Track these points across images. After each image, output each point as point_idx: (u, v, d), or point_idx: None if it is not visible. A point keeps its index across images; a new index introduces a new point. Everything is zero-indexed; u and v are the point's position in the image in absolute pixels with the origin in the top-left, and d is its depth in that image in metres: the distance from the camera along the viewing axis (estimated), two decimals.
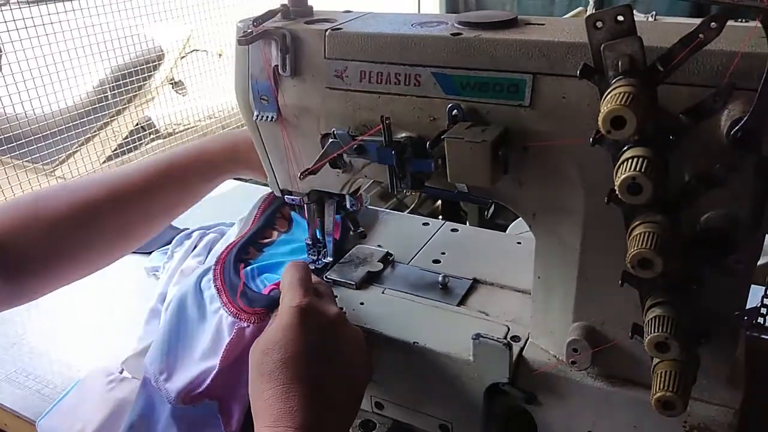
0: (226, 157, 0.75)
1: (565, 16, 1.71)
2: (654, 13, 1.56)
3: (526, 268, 0.65)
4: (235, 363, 0.61)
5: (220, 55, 1.78)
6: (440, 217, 1.96)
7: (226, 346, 0.61)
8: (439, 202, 2.10)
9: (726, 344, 0.49)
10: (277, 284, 0.63)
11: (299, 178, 0.60)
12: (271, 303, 0.62)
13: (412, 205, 2.11)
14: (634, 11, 0.41)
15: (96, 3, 1.25)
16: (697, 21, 0.38)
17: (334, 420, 0.51)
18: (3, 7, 1.04)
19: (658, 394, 0.42)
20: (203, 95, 1.57)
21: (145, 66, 1.52)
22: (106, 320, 0.89)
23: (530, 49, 0.47)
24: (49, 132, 1.16)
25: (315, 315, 0.55)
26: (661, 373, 0.42)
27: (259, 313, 0.62)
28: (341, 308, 0.60)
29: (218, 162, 0.75)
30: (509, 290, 0.66)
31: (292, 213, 0.79)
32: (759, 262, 0.47)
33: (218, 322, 0.63)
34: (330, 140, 0.57)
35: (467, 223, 1.82)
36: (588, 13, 1.71)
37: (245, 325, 0.62)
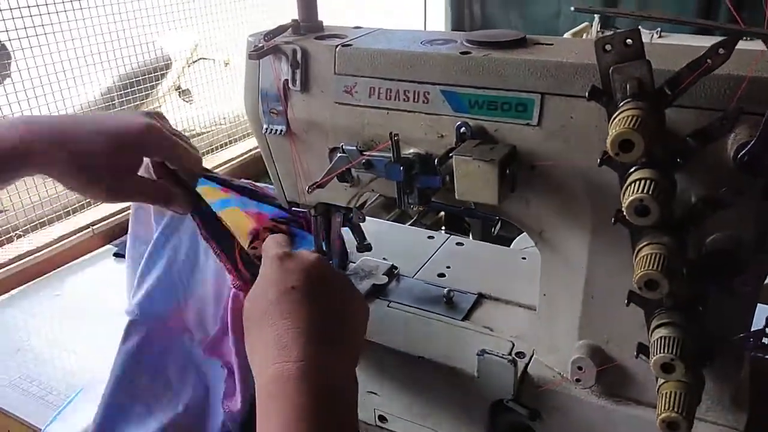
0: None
1: (570, 31, 1.71)
2: (659, 30, 1.57)
3: (531, 283, 0.65)
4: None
5: (226, 63, 1.79)
6: (443, 228, 1.97)
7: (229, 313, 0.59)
8: (443, 213, 2.10)
9: (731, 365, 0.49)
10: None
11: (307, 191, 0.61)
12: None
13: (415, 217, 2.11)
14: (639, 27, 0.41)
15: (106, 11, 1.26)
16: (703, 38, 0.39)
17: (333, 354, 0.49)
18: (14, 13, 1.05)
19: (663, 415, 0.42)
20: (209, 103, 1.57)
21: (152, 74, 1.53)
22: (109, 327, 0.89)
23: (539, 69, 0.48)
24: None
25: (296, 259, 0.54)
26: (666, 393, 0.43)
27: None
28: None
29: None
30: (514, 305, 0.66)
31: (293, 228, 0.78)
32: (766, 281, 0.48)
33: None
34: (338, 154, 0.58)
35: (470, 235, 1.82)
36: (593, 28, 1.72)
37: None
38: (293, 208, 0.69)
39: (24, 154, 0.53)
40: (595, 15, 1.64)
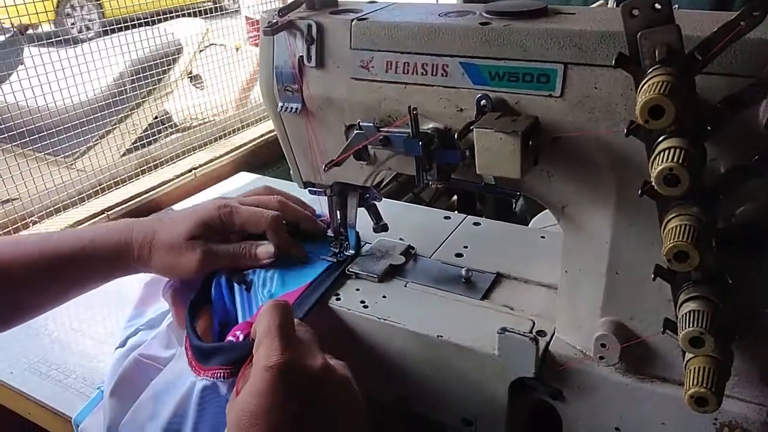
0: (112, 257, 0.66)
1: (589, 7, 1.68)
2: (676, 6, 1.54)
3: (550, 262, 0.64)
4: None
5: (237, 49, 1.78)
6: (456, 212, 1.95)
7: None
8: (455, 197, 2.08)
9: (760, 340, 0.47)
10: (248, 325, 0.55)
11: (323, 169, 0.60)
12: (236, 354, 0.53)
13: (428, 200, 2.10)
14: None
15: None
16: (720, 15, 0.38)
17: None
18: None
19: (692, 390, 0.41)
20: (220, 89, 1.57)
21: (163, 60, 1.52)
22: (125, 312, 0.89)
23: (561, 38, 0.46)
24: (70, 125, 1.16)
25: (295, 374, 0.45)
26: (695, 368, 0.42)
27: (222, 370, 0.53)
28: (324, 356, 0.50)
29: (104, 263, 0.66)
30: (534, 284, 0.65)
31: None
32: None
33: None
34: (355, 131, 0.57)
35: (484, 216, 1.81)
36: (610, 2, 1.69)
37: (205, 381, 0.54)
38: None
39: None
40: None
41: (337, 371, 0.48)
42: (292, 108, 0.60)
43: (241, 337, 0.54)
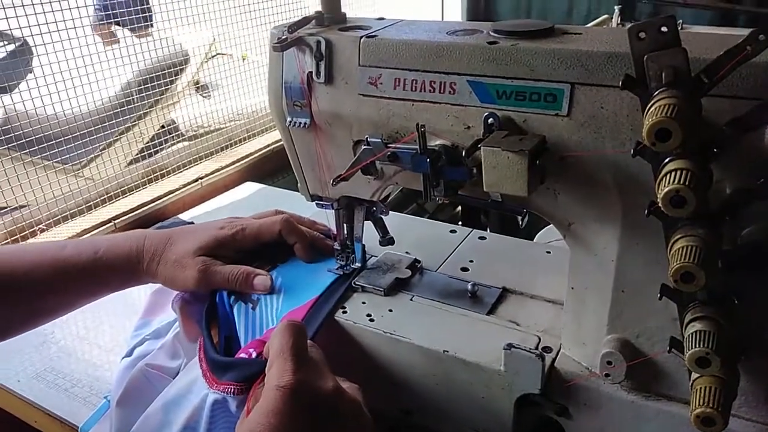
0: (123, 267, 0.68)
1: (590, 25, 1.69)
2: (681, 22, 1.55)
3: (556, 277, 0.64)
4: None
5: (244, 58, 1.79)
6: (459, 223, 1.96)
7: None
8: (459, 208, 2.09)
9: (766, 360, 0.48)
10: (260, 343, 0.56)
11: (332, 184, 0.60)
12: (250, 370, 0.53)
13: (432, 211, 2.10)
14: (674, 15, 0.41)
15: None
16: (725, 30, 0.38)
17: None
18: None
19: (698, 410, 0.41)
20: (227, 98, 1.58)
21: (171, 69, 1.53)
22: (132, 320, 0.89)
23: (568, 58, 0.47)
24: (78, 133, 1.17)
25: (306, 395, 0.46)
26: (701, 388, 0.42)
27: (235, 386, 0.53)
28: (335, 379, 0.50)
29: (116, 273, 0.68)
30: (540, 300, 0.66)
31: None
32: None
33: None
34: (363, 147, 0.57)
35: (488, 231, 1.81)
36: (614, 20, 1.70)
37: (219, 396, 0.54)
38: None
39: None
40: (616, 7, 1.62)
41: (348, 394, 0.48)
42: (300, 123, 0.61)
43: (254, 355, 0.55)
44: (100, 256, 0.66)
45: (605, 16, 1.72)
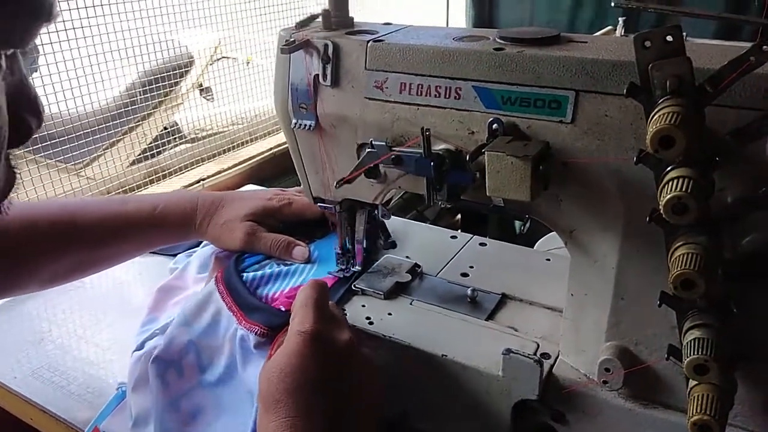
0: (178, 223, 0.76)
1: (598, 35, 1.70)
2: (685, 35, 1.56)
3: (555, 284, 0.65)
4: None
5: (248, 62, 1.80)
6: (459, 230, 1.96)
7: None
8: (459, 215, 2.09)
9: (764, 369, 0.48)
10: (288, 301, 0.61)
11: (335, 186, 0.61)
12: (277, 320, 0.60)
13: (433, 217, 2.11)
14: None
15: (130, 8, 1.27)
16: (727, 43, 0.39)
17: None
18: None
19: (695, 418, 0.41)
20: (230, 101, 1.58)
21: (175, 71, 1.54)
22: (129, 319, 0.89)
23: (573, 65, 0.47)
24: (82, 132, 1.17)
25: (324, 342, 0.52)
26: (699, 396, 0.42)
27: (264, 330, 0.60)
28: (351, 336, 0.56)
29: (171, 228, 0.76)
30: (539, 307, 0.66)
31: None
32: None
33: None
34: (367, 150, 0.58)
35: (487, 237, 1.81)
36: (618, 32, 1.71)
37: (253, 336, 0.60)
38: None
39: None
40: (620, 19, 1.63)
41: (363, 349, 0.55)
42: (305, 125, 0.61)
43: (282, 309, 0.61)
44: (158, 213, 0.73)
45: (609, 27, 1.73)
